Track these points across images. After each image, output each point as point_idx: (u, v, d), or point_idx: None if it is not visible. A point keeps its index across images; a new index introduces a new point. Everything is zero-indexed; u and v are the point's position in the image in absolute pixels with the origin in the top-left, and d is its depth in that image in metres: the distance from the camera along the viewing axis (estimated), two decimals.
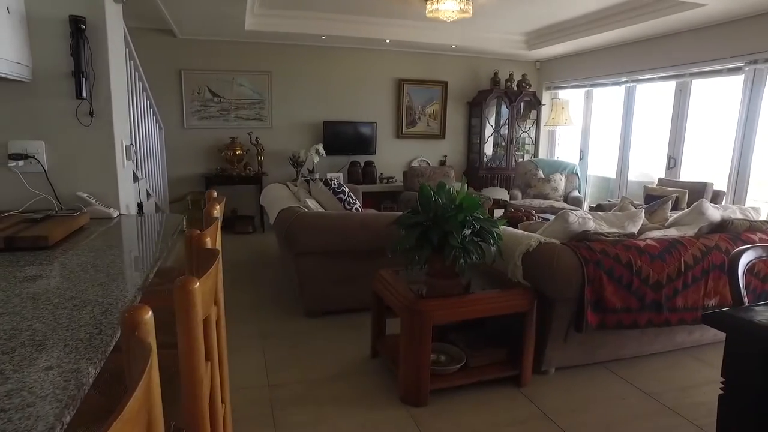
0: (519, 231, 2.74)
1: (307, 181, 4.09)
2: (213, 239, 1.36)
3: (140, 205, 2.14)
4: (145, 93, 3.55)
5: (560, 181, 6.11)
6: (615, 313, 2.39)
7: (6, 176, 1.86)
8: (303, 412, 2.19)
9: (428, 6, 4.41)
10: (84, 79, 1.85)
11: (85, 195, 1.89)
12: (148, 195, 3.36)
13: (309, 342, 2.92)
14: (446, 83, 6.86)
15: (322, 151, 6.06)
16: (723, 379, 1.42)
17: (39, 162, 1.89)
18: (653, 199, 4.36)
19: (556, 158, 7.12)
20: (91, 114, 1.91)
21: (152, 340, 0.65)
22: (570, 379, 2.54)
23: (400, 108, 6.74)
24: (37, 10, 1.82)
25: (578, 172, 6.30)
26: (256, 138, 6.03)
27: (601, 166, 6.52)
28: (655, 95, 5.71)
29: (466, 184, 2.45)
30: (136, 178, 3.03)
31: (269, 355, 2.74)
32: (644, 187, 5.13)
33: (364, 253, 3.20)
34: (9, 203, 1.87)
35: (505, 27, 5.81)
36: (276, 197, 3.92)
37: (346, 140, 6.45)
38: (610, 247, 2.43)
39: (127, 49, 3.00)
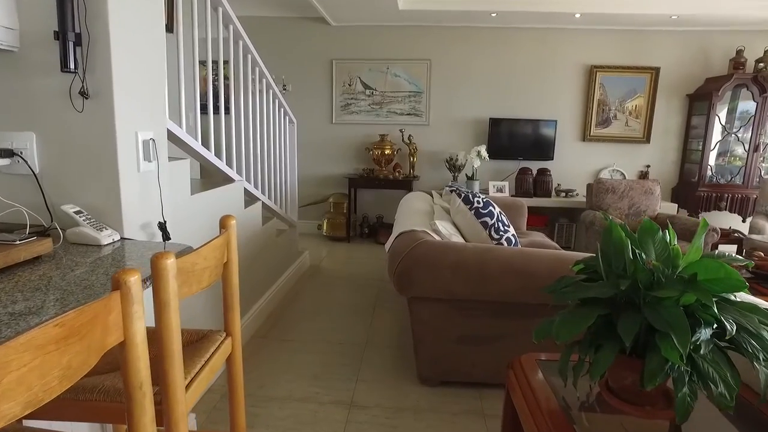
0: None
1: (453, 192, 3.18)
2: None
3: (162, 225, 1.49)
4: (264, 80, 3.05)
5: None
6: None
7: None
8: None
9: None
10: (72, 45, 1.26)
11: (71, 210, 1.31)
12: (248, 198, 2.84)
13: (408, 429, 2.02)
14: (657, 70, 5.19)
15: (484, 154, 5.08)
16: None
17: (26, 161, 1.36)
18: None
19: None
20: (83, 94, 1.31)
21: None
22: None
23: (590, 103, 5.33)
24: None
25: None
26: (409, 136, 5.32)
27: None
28: None
29: (702, 239, 1.26)
30: (230, 179, 2.51)
31: None
32: None
33: (508, 306, 2.18)
34: None
35: None
36: (408, 212, 3.08)
37: (516, 142, 5.35)
38: None
39: (240, 42, 2.50)
